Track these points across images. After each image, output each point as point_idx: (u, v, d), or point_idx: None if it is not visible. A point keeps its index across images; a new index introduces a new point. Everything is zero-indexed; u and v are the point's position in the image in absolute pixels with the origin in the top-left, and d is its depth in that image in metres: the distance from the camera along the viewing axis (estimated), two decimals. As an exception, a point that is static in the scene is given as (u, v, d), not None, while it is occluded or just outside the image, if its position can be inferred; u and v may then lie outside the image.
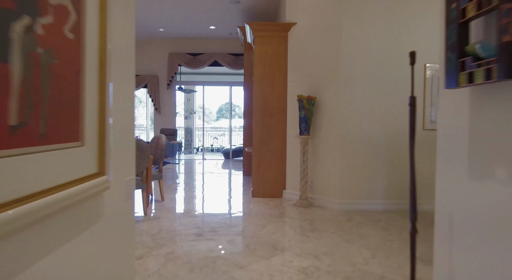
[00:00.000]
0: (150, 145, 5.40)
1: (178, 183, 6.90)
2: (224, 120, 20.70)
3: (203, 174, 8.22)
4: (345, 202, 4.79)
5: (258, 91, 5.50)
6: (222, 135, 14.00)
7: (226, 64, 10.32)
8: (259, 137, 5.49)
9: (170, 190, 6.04)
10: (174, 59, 10.36)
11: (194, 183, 6.86)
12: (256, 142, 5.50)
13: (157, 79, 10.48)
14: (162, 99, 10.58)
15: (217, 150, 13.45)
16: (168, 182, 6.92)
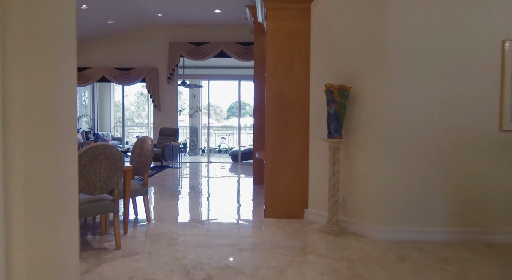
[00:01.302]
0: (133, 149, 4.20)
1: (180, 189, 5.72)
2: (234, 118, 19.54)
3: (208, 181, 7.01)
4: (391, 229, 3.51)
5: (271, 80, 4.26)
6: (230, 135, 12.80)
7: (233, 55, 9.09)
8: (273, 141, 4.25)
9: (164, 204, 4.85)
10: (175, 50, 9.18)
11: (194, 195, 5.66)
12: (269, 146, 4.26)
13: (156, 72, 9.31)
14: (162, 95, 9.42)
15: (225, 151, 12.26)
16: (165, 191, 5.73)
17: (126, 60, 9.40)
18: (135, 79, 9.27)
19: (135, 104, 15.88)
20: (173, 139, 8.92)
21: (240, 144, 9.76)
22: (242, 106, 20.24)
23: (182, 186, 6.42)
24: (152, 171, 7.95)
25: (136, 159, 4.10)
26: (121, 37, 9.38)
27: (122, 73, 9.28)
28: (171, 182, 6.76)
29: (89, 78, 9.33)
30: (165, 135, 9.04)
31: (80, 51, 9.45)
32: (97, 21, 8.14)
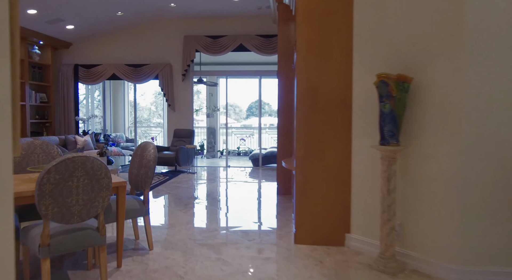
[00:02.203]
0: (132, 158, 3.42)
1: (193, 200, 4.92)
2: (254, 118, 18.75)
3: (226, 190, 6.19)
4: (472, 269, 2.58)
5: (303, 72, 3.38)
6: (250, 136, 11.97)
7: (254, 49, 8.24)
8: (305, 147, 3.37)
9: (173, 221, 4.05)
10: (190, 44, 8.41)
11: (208, 208, 4.84)
12: (300, 153, 3.38)
13: (170, 68, 8.57)
14: (176, 93, 8.67)
15: (245, 154, 11.44)
16: (177, 203, 4.95)
17: (138, 56, 8.71)
18: (147, 76, 8.57)
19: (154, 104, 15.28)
20: (188, 141, 8.16)
21: (261, 146, 8.91)
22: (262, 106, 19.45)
23: (196, 196, 5.63)
24: (165, 176, 7.20)
25: (135, 170, 3.31)
26: (132, 31, 8.70)
27: (133, 70, 8.59)
28: (184, 190, 5.98)
29: (99, 76, 8.69)
30: (180, 137, 8.29)
31: (88, 47, 8.82)
32: (106, 13, 7.47)
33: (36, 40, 7.95)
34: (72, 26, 7.77)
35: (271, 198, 5.48)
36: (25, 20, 6.92)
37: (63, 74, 8.73)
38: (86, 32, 8.33)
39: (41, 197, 2.14)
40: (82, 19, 7.51)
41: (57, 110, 8.80)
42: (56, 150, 3.55)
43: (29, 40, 7.83)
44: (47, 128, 8.53)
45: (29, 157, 3.42)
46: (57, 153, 3.54)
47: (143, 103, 15.28)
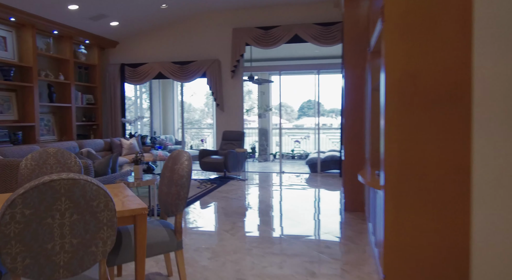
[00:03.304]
0: (162, 172, 2.63)
1: (247, 210, 4.07)
2: (306, 118, 17.66)
3: (280, 202, 5.28)
4: None
5: (394, 53, 2.35)
6: (305, 138, 10.94)
7: (311, 39, 7.25)
8: (399, 158, 2.34)
9: (217, 248, 3.22)
10: (239, 37, 7.63)
11: (259, 229, 3.96)
12: (392, 167, 2.36)
13: (218, 65, 7.86)
14: (225, 92, 7.94)
15: (299, 157, 10.45)
16: (223, 219, 4.13)
17: (184, 53, 8.10)
18: (194, 74, 7.92)
19: (205, 104, 14.82)
20: (238, 145, 7.38)
21: (319, 150, 7.88)
22: (313, 106, 18.27)
23: (247, 207, 4.78)
24: (212, 184, 6.47)
25: (165, 187, 2.51)
26: (177, 26, 8.11)
27: (180, 68, 8.00)
28: (233, 202, 5.16)
29: (145, 75, 8.22)
30: (229, 140, 7.53)
31: (134, 45, 8.39)
32: (150, 7, 6.91)
33: (82, 40, 7.64)
34: (117, 23, 7.33)
35: (336, 216, 4.47)
36: (68, 17, 6.55)
37: (110, 74, 8.38)
38: (131, 29, 7.88)
39: (4, 243, 1.38)
40: (126, 14, 7.02)
41: (104, 112, 8.47)
42: (74, 160, 2.86)
43: (75, 40, 7.53)
44: (94, 131, 8.21)
45: (40, 168, 2.76)
46: (75, 163, 2.86)
47: (195, 104, 14.88)
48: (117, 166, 4.27)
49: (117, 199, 2.21)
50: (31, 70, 6.41)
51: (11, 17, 5.98)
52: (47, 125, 7.13)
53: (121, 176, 4.19)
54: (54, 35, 7.07)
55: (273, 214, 4.60)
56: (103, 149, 7.34)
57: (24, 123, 6.40)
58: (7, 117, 6.26)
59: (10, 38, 6.28)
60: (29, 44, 6.41)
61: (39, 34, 6.80)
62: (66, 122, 7.41)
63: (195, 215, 4.52)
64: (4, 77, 6.04)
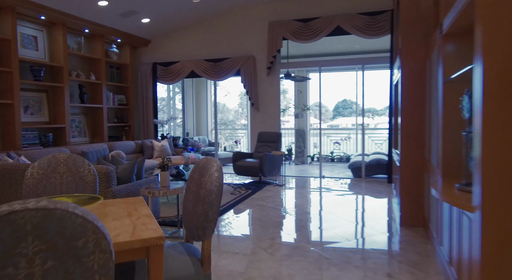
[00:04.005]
0: (187, 185, 2.14)
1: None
2: (341, 118, 16.88)
3: (320, 211, 4.68)
4: None
5: (497, 31, 1.71)
6: (346, 139, 10.20)
7: (355, 30, 6.58)
8: (504, 169, 1.70)
9: (256, 269, 2.70)
10: (276, 30, 7.09)
11: (298, 248, 3.39)
12: (492, 181, 1.72)
13: (253, 61, 7.37)
14: (260, 90, 7.44)
15: (339, 160, 9.75)
16: (258, 234, 3.61)
17: (218, 50, 7.68)
18: (228, 71, 7.48)
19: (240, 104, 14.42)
20: (275, 147, 6.84)
21: (363, 152, 7.17)
22: (348, 105, 17.34)
23: (285, 214, 4.23)
24: (247, 190, 5.97)
25: (190, 204, 2.02)
26: (210, 21, 7.71)
27: (213, 66, 7.58)
28: (270, 212, 4.63)
29: (177, 74, 7.88)
30: (265, 142, 7.01)
31: (166, 42, 8.07)
32: (181, 1, 6.53)
33: (114, 38, 7.41)
34: (148, 20, 7.03)
35: (391, 232, 3.81)
36: (98, 14, 6.30)
37: (142, 74, 8.13)
38: (163, 26, 7.56)
39: None
40: (157, 10, 6.69)
41: (136, 113, 8.23)
42: (88, 167, 2.45)
43: (107, 39, 7.31)
44: (126, 133, 7.98)
45: (48, 178, 2.36)
46: (89, 171, 2.44)
47: (229, 104, 14.52)
48: (143, 172, 3.87)
49: (128, 221, 1.74)
50: (62, 70, 6.22)
51: (41, 16, 5.80)
52: (79, 127, 6.95)
53: (147, 183, 3.78)
54: (85, 34, 6.88)
55: (316, 228, 4.02)
56: (134, 151, 7.06)
57: (55, 125, 6.21)
58: (37, 118, 6.10)
59: (41, 38, 6.12)
60: (59, 43, 6.22)
61: (71, 33, 6.61)
62: (97, 123, 7.20)
63: (227, 227, 4.04)
64: (34, 78, 5.87)
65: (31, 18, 5.83)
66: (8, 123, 5.45)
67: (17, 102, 5.42)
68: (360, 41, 7.94)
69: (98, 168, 3.28)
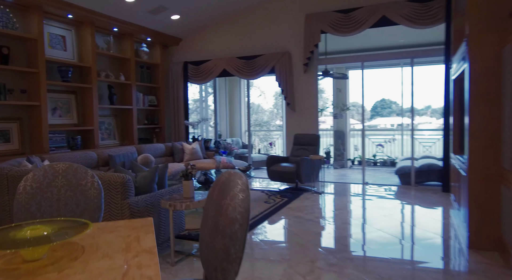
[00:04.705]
0: (204, 207, 1.66)
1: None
2: (379, 119, 15.88)
3: (363, 226, 4.06)
4: None
5: None
6: (390, 141, 9.38)
7: (403, 20, 5.88)
8: None
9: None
10: (313, 23, 6.52)
11: (347, 271, 2.82)
12: None
13: (288, 58, 6.83)
14: (297, 89, 6.89)
15: (383, 164, 8.98)
16: (299, 254, 3.08)
17: (251, 46, 7.22)
18: (262, 69, 6.99)
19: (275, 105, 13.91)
20: (312, 150, 6.26)
21: (413, 156, 6.42)
22: (387, 105, 16.26)
23: (326, 239, 3.66)
24: (282, 198, 5.45)
25: (207, 234, 1.53)
26: (243, 17, 7.26)
27: (246, 64, 7.12)
28: (308, 225, 4.08)
29: (208, 73, 7.50)
30: (302, 144, 6.46)
31: (197, 40, 7.72)
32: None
33: (144, 37, 7.15)
34: (178, 16, 6.69)
35: (454, 256, 3.14)
36: (126, 11, 6.04)
37: (173, 74, 7.83)
38: (193, 22, 7.21)
39: None
40: (187, 5, 6.33)
41: (167, 114, 7.94)
42: (92, 180, 2.04)
43: (137, 38, 7.07)
44: (157, 135, 7.71)
45: (43, 192, 1.97)
46: (92, 184, 2.03)
47: (264, 105, 14.04)
48: (165, 180, 3.46)
49: (121, 259, 1.29)
50: (90, 70, 6.01)
51: (69, 14, 5.60)
52: (108, 129, 6.73)
53: (170, 192, 3.36)
54: (114, 33, 6.65)
55: (365, 248, 3.43)
56: (163, 154, 6.74)
57: (83, 127, 6.01)
58: (66, 121, 5.92)
59: (69, 37, 5.94)
60: (88, 42, 6.01)
61: (99, 32, 6.41)
62: (127, 125, 6.97)
63: (260, 245, 3.53)
64: (62, 79, 5.68)
65: (59, 17, 5.65)
66: (35, 125, 5.28)
67: (44, 104, 5.23)
68: (405, 35, 7.20)
69: (114, 176, 2.89)
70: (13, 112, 5.15)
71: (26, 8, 5.15)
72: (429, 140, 9.19)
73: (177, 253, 3.25)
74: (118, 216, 2.88)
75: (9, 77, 5.04)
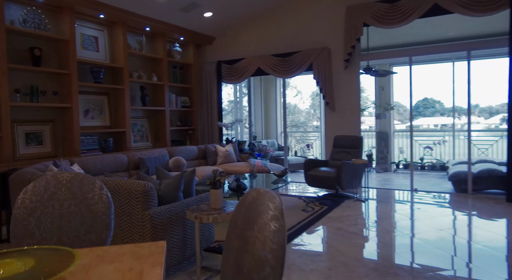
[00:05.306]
0: (227, 235, 1.29)
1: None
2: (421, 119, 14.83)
3: (411, 243, 3.52)
4: None
5: None
6: (439, 143, 8.58)
7: (459, 8, 5.24)
8: None
9: None
10: (355, 16, 6.01)
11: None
12: None
13: (327, 54, 6.36)
14: (336, 87, 6.40)
15: (431, 168, 8.23)
16: (343, 272, 2.66)
17: (287, 43, 6.81)
18: (298, 67, 6.56)
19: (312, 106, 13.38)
20: (355, 154, 5.75)
21: (470, 160, 5.72)
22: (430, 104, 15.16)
23: (375, 258, 3.19)
24: (322, 205, 5.01)
25: (229, 273, 1.16)
26: (277, 11, 6.87)
27: (281, 61, 6.73)
28: (353, 240, 3.62)
29: (242, 72, 7.18)
30: (342, 147, 5.96)
31: (230, 38, 7.44)
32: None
33: (177, 37, 6.96)
34: (210, 13, 6.43)
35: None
36: (157, 9, 5.84)
37: (206, 74, 7.59)
38: (227, 19, 6.92)
39: None
40: (219, 1, 6.04)
41: (200, 116, 7.72)
42: (99, 192, 1.74)
43: (169, 37, 6.88)
44: (190, 136, 7.51)
45: (44, 207, 1.69)
46: (100, 198, 1.73)
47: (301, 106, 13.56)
48: (193, 187, 3.14)
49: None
50: (122, 71, 5.88)
51: (100, 14, 5.49)
52: (141, 131, 6.59)
53: (197, 201, 3.03)
54: (146, 32, 6.50)
55: (419, 271, 2.92)
56: (196, 157, 6.50)
57: (116, 129, 5.89)
58: (98, 123, 5.82)
59: (102, 38, 5.84)
60: (120, 43, 5.88)
61: (131, 32, 6.27)
62: (160, 127, 6.80)
63: (297, 262, 3.13)
64: (94, 80, 5.58)
65: (91, 18, 5.55)
66: (67, 128, 5.19)
67: (76, 105, 5.13)
68: (457, 26, 6.50)
69: (134, 184, 2.61)
70: (46, 114, 5.09)
71: (58, 9, 5.07)
72: (484, 142, 8.32)
73: (205, 270, 2.92)
74: (139, 229, 2.60)
75: (41, 79, 4.98)
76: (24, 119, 4.82)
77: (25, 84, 4.78)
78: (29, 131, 4.89)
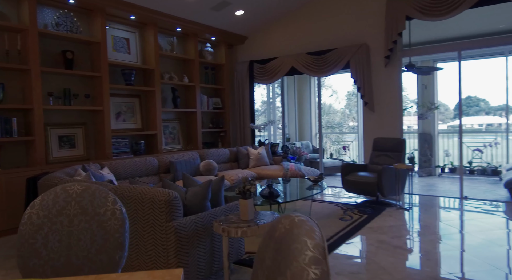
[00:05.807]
0: (254, 265, 1.04)
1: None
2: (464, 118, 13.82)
3: (462, 252, 3.10)
4: None
5: None
6: (491, 146, 7.86)
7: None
8: None
9: None
10: (396, 8, 5.58)
11: None
12: None
13: (365, 50, 5.96)
14: (376, 86, 5.99)
15: (481, 172, 7.56)
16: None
17: (322, 40, 6.47)
18: (334, 65, 6.21)
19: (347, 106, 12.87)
20: (396, 157, 5.32)
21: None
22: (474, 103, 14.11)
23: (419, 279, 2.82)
24: (361, 214, 4.64)
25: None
26: (311, 7, 6.54)
27: (316, 60, 6.40)
28: (398, 255, 3.26)
29: (275, 72, 6.92)
30: (383, 150, 5.54)
31: (263, 37, 7.20)
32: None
33: (208, 37, 6.82)
34: (242, 12, 6.22)
35: None
36: (188, 9, 5.71)
37: (238, 74, 7.40)
38: (258, 17, 6.68)
39: None
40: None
41: (232, 117, 7.54)
42: (113, 207, 1.54)
43: (201, 37, 6.76)
44: (222, 139, 7.34)
45: (52, 223, 1.52)
46: (113, 213, 1.53)
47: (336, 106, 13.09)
48: (221, 196, 2.92)
49: None
50: (153, 73, 5.80)
51: (131, 15, 5.43)
52: (172, 133, 6.50)
53: (226, 211, 2.81)
54: (177, 33, 6.40)
55: (480, 294, 2.52)
56: (228, 160, 6.31)
57: (147, 132, 5.82)
58: (129, 125, 5.77)
59: (133, 40, 5.79)
60: (151, 44, 5.81)
61: (163, 33, 6.19)
62: (191, 129, 6.68)
63: (337, 278, 2.82)
64: (125, 82, 5.54)
65: (122, 19, 5.51)
66: (98, 131, 5.17)
67: (107, 108, 5.10)
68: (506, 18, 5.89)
69: (158, 193, 2.42)
70: (78, 117, 5.09)
71: (89, 12, 5.06)
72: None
73: (234, 286, 2.69)
74: (162, 241, 2.40)
75: (73, 82, 4.98)
76: (57, 122, 4.83)
77: (58, 87, 4.79)
78: (62, 135, 4.89)
